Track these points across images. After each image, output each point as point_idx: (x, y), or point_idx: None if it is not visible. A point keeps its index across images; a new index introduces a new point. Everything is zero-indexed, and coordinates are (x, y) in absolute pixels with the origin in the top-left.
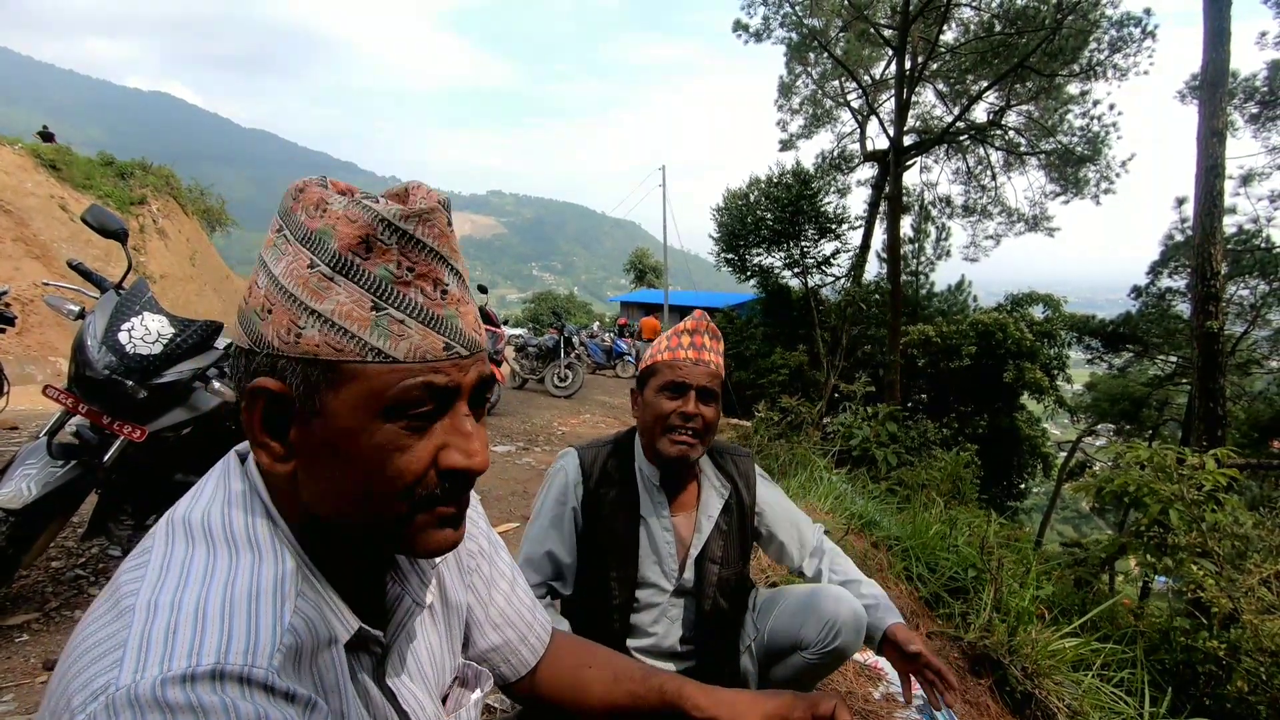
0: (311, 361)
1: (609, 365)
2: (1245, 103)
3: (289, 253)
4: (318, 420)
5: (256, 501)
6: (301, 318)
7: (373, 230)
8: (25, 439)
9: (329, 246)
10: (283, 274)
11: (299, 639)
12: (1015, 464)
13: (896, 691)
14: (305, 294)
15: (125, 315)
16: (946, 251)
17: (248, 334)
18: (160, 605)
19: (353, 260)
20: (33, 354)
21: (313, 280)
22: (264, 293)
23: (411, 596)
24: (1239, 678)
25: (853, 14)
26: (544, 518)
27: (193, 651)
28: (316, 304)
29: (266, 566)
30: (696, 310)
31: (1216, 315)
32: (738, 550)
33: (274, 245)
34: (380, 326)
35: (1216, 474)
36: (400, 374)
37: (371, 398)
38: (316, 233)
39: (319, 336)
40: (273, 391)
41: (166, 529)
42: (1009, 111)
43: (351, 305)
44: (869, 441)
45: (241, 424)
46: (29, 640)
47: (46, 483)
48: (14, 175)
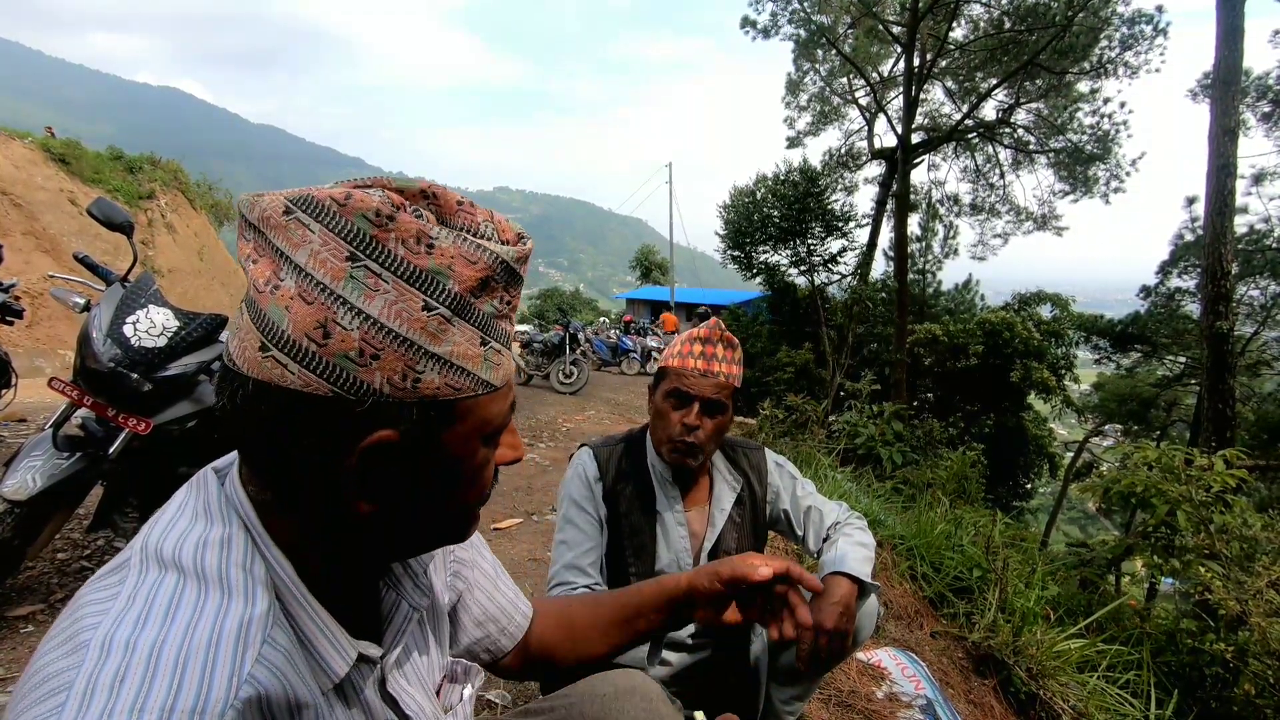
0: (429, 404)
1: (614, 362)
2: (1258, 101)
3: (387, 291)
4: (427, 457)
5: (237, 541)
6: (419, 362)
7: (492, 272)
8: (33, 431)
9: (448, 289)
10: (385, 315)
11: (260, 689)
12: (1021, 464)
13: (900, 690)
14: (423, 338)
15: (130, 308)
16: (954, 250)
17: (331, 381)
18: (114, 645)
19: (469, 301)
20: (42, 346)
21: (431, 324)
22: (359, 336)
23: (408, 601)
24: (1246, 681)
25: (861, 10)
26: (574, 522)
27: (135, 707)
28: (434, 347)
29: (235, 608)
30: (712, 319)
31: (1227, 315)
32: (751, 542)
33: (351, 278)
34: (487, 360)
35: (1225, 475)
36: (499, 400)
37: (482, 427)
38: (428, 272)
39: (439, 379)
40: (390, 444)
41: (140, 556)
42: (1018, 109)
43: (466, 345)
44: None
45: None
46: (34, 632)
47: (52, 475)
48: (24, 169)
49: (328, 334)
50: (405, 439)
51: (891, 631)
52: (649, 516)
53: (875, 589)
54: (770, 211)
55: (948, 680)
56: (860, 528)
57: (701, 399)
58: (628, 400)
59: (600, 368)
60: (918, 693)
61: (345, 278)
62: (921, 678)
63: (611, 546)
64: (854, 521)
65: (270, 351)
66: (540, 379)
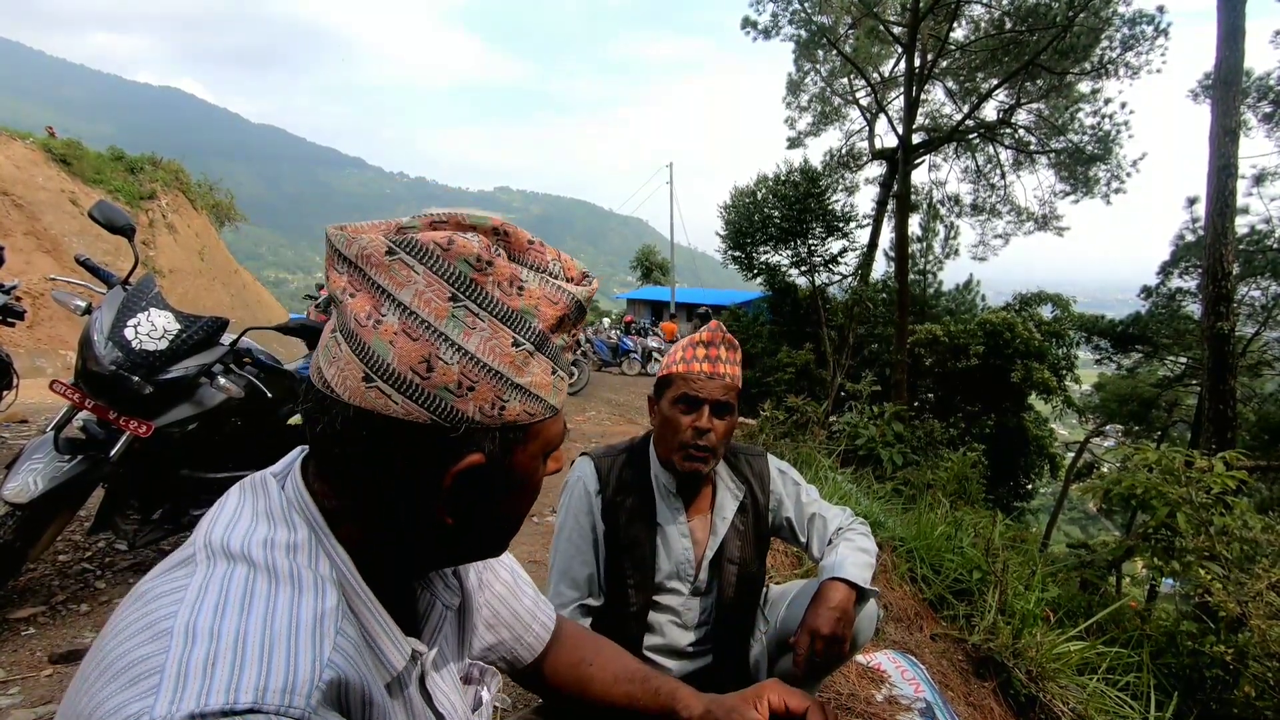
0: (510, 428)
1: (615, 363)
2: (1259, 102)
3: (482, 329)
4: (503, 474)
5: (304, 541)
6: (506, 392)
7: (569, 311)
8: (34, 432)
9: (533, 326)
10: (480, 350)
11: (340, 673)
12: (1022, 464)
13: (899, 693)
14: (510, 370)
15: (131, 311)
16: (955, 250)
17: (431, 410)
18: (199, 632)
19: (548, 336)
20: (43, 347)
21: (518, 358)
22: (458, 369)
23: (442, 601)
24: (1246, 683)
25: (862, 11)
26: (570, 534)
27: (230, 687)
28: (519, 378)
29: (307, 601)
30: (713, 320)
31: (1228, 316)
32: (754, 549)
33: (453, 317)
34: (556, 387)
35: (1225, 477)
36: (559, 421)
37: (547, 445)
38: (519, 312)
39: (519, 407)
40: (479, 466)
41: (206, 551)
42: (1019, 110)
43: (542, 374)
44: (874, 441)
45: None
46: (35, 634)
47: (53, 477)
48: (25, 170)
49: (431, 368)
50: (489, 460)
51: (891, 634)
52: (650, 529)
53: (874, 594)
54: (771, 212)
55: (947, 683)
56: (862, 533)
57: (711, 401)
58: (628, 401)
59: (601, 368)
60: (917, 695)
61: (448, 317)
62: (921, 680)
63: (610, 558)
64: (856, 527)
65: (374, 382)
66: None
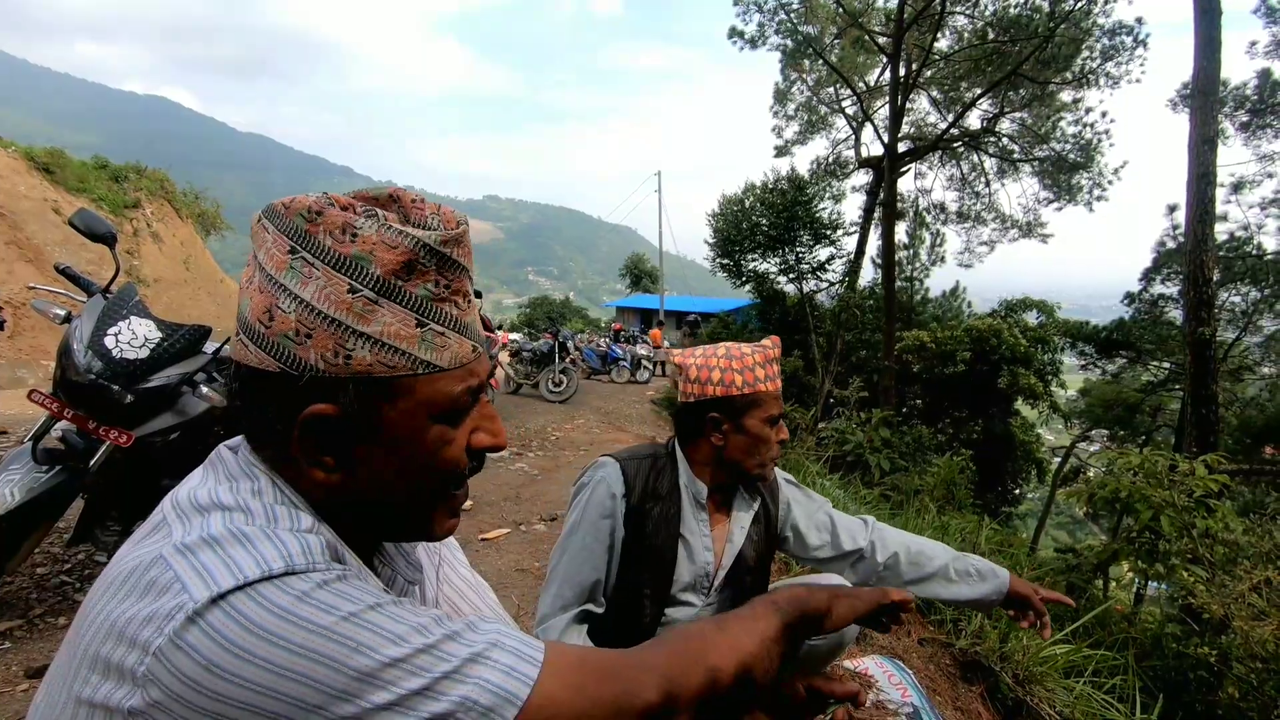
0: (364, 380)
1: (604, 370)
2: (1236, 111)
3: (317, 277)
4: (373, 431)
5: (267, 487)
6: (349, 340)
7: (414, 256)
8: (13, 443)
9: (370, 272)
10: (316, 299)
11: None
12: (1009, 469)
13: (886, 699)
14: (350, 318)
15: (112, 319)
16: (941, 258)
17: (277, 358)
18: (193, 545)
19: (395, 284)
20: (24, 357)
21: (356, 305)
22: (295, 317)
23: (402, 575)
24: (1230, 684)
25: (847, 21)
26: (584, 536)
27: (258, 560)
28: (363, 327)
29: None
30: (773, 337)
31: (1209, 322)
32: (765, 559)
33: (290, 268)
34: (426, 341)
35: (1208, 480)
36: (448, 381)
37: (426, 405)
38: (351, 258)
39: (370, 357)
40: (327, 415)
41: (175, 512)
42: (1002, 118)
43: (398, 325)
44: (862, 447)
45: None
46: (11, 648)
47: (31, 488)
48: (7, 178)
49: (272, 317)
50: (344, 412)
51: (877, 638)
52: (674, 538)
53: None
54: (759, 220)
55: (935, 687)
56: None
57: (783, 415)
58: (617, 409)
59: (590, 376)
60: (904, 700)
61: (286, 268)
62: (908, 685)
63: (626, 566)
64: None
65: (240, 336)
66: (530, 388)
